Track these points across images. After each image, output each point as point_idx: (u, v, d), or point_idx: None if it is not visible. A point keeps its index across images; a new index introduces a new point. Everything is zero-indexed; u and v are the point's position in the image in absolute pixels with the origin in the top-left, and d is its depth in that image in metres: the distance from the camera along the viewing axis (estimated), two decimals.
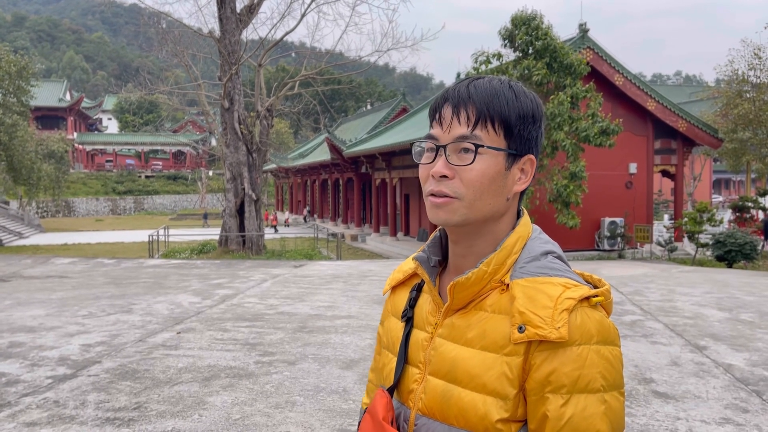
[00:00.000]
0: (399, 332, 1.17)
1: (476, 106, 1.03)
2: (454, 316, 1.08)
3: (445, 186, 1.03)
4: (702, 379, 5.36)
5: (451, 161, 1.02)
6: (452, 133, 1.03)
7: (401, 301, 1.22)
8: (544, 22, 18.69)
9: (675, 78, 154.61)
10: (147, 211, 58.01)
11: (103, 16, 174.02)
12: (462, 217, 1.03)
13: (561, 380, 0.95)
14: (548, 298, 0.98)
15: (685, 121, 23.87)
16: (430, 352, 1.08)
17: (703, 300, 9.48)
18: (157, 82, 27.27)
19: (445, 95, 1.08)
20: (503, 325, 1.01)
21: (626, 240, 22.37)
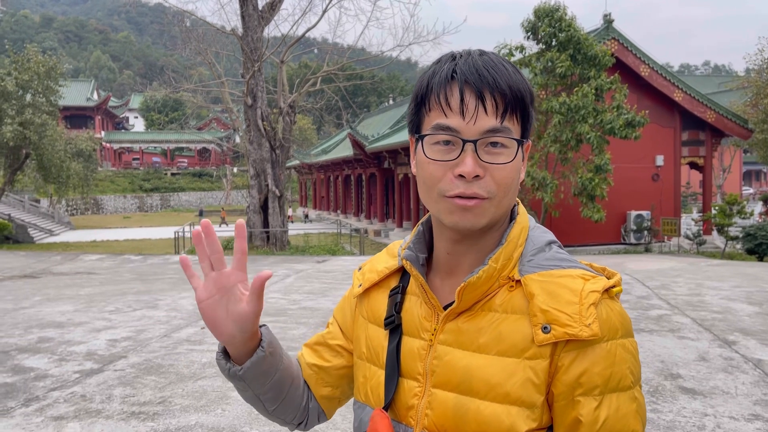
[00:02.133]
0: (383, 341, 1.04)
1: (503, 93, 0.90)
2: (458, 320, 0.97)
3: (478, 187, 0.90)
4: (731, 374, 5.25)
5: (482, 158, 0.90)
6: (479, 125, 0.90)
7: (378, 305, 1.08)
8: (567, 14, 18.46)
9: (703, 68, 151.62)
10: (173, 208, 58.73)
11: (129, 16, 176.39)
12: (489, 218, 0.93)
13: (593, 381, 0.89)
14: (571, 292, 0.90)
15: (713, 112, 23.39)
16: (431, 362, 0.97)
17: (732, 294, 9.29)
18: (182, 80, 27.57)
19: (455, 75, 0.92)
20: (521, 326, 0.92)
21: (653, 233, 22.02)
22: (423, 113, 0.95)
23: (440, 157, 0.92)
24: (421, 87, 0.96)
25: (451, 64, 0.93)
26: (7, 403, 4.77)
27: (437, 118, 0.92)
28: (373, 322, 1.08)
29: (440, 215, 0.94)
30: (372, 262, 1.14)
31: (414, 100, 0.97)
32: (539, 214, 19.30)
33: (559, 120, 17.73)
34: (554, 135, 18.03)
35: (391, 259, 1.10)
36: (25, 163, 25.79)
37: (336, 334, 1.18)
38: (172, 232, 23.29)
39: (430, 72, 0.96)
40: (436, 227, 1.02)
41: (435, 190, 0.93)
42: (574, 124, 17.72)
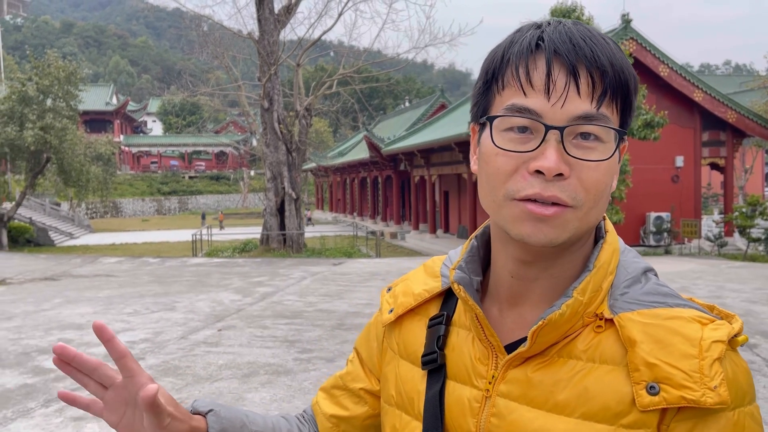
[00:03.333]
0: (418, 384, 0.83)
1: (603, 70, 0.69)
2: (527, 367, 0.75)
3: (559, 189, 0.69)
4: (752, 378, 5.17)
5: (569, 152, 0.69)
6: (568, 108, 0.69)
7: (414, 337, 0.86)
8: (584, 14, 18.37)
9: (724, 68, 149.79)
10: (191, 210, 59.23)
11: (147, 21, 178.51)
12: (571, 233, 0.71)
13: None
14: (688, 341, 0.68)
15: (734, 112, 23.09)
16: (489, 420, 0.75)
17: (753, 296, 9.15)
18: (199, 84, 27.81)
19: (541, 44, 0.70)
20: (615, 382, 0.70)
21: (673, 235, 21.78)
22: (493, 93, 0.74)
23: (513, 147, 0.70)
24: (494, 59, 0.74)
25: (537, 31, 0.72)
26: (28, 404, 4.83)
27: (513, 98, 0.71)
28: (406, 359, 0.86)
29: (506, 224, 0.72)
30: (406, 282, 0.91)
31: (482, 77, 0.76)
32: None
33: None
34: None
35: (431, 280, 0.88)
36: (46, 167, 26.17)
37: (358, 374, 0.95)
38: (190, 235, 23.50)
39: (507, 41, 0.74)
40: (498, 242, 0.79)
41: (501, 191, 0.71)
42: None
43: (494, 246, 0.81)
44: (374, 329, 0.95)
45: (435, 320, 0.85)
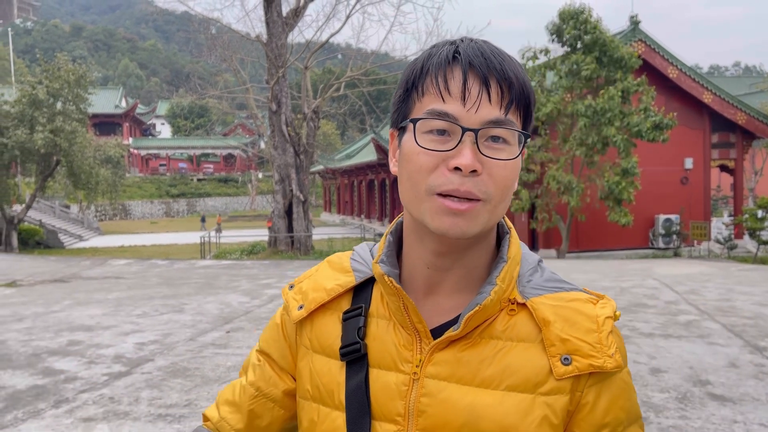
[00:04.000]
0: (337, 376, 0.86)
1: (510, 81, 0.79)
2: (452, 349, 0.83)
3: (473, 184, 0.78)
4: (761, 381, 5.14)
5: (482, 152, 0.78)
6: (481, 114, 0.78)
7: (328, 331, 0.90)
8: (592, 16, 18.33)
9: (734, 69, 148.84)
10: (199, 213, 59.46)
11: (156, 24, 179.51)
12: (483, 225, 0.80)
13: (619, 417, 0.82)
14: (588, 319, 0.82)
15: (744, 114, 22.97)
16: (419, 400, 0.82)
17: (764, 299, 9.08)
18: (208, 87, 27.91)
19: (457, 57, 0.80)
20: (533, 357, 0.81)
21: (682, 238, 21.67)
22: (413, 100, 0.83)
23: (434, 147, 0.79)
24: (413, 70, 0.83)
25: (452, 46, 0.81)
26: (38, 405, 4.87)
27: (432, 103, 0.80)
28: (321, 353, 0.89)
29: (425, 217, 0.80)
30: (313, 278, 0.94)
31: (403, 86, 0.84)
32: (565, 219, 19.12)
33: (585, 123, 17.57)
34: (580, 138, 17.87)
35: (342, 276, 0.92)
36: (56, 169, 26.34)
37: (271, 378, 0.96)
38: (198, 237, 23.59)
39: (425, 55, 0.84)
40: (414, 236, 0.86)
41: (423, 186, 0.80)
42: (600, 127, 17.55)
43: (409, 240, 0.88)
44: (283, 328, 0.96)
45: (351, 313, 0.89)
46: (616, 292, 9.91)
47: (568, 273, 12.45)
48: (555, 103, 18.26)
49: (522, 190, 18.49)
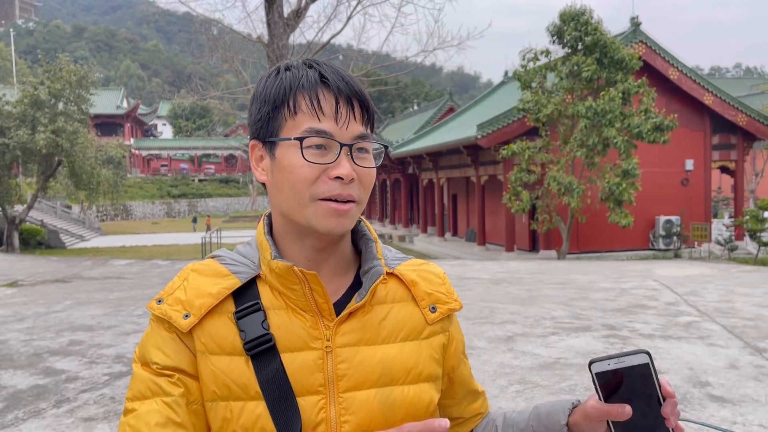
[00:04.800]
0: (245, 371, 0.91)
1: (365, 102, 0.95)
2: (355, 318, 0.96)
3: (351, 189, 0.92)
4: (761, 382, 5.15)
5: (356, 162, 0.93)
6: (351, 130, 0.93)
7: (223, 332, 0.93)
8: (593, 17, 18.34)
9: (735, 70, 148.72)
10: (200, 214, 59.47)
11: (158, 25, 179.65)
12: (354, 221, 0.96)
13: (462, 340, 1.11)
14: (437, 276, 1.07)
15: (745, 115, 22.97)
16: (337, 367, 0.93)
17: (764, 301, 9.09)
18: (209, 88, 27.87)
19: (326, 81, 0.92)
20: (411, 311, 1.01)
21: (683, 239, 21.66)
22: (284, 117, 0.93)
23: (316, 160, 0.91)
24: (278, 91, 0.93)
25: (313, 70, 0.94)
26: (39, 404, 4.88)
27: (308, 122, 0.91)
28: (220, 353, 0.92)
29: (311, 220, 0.92)
30: (189, 287, 0.96)
31: (269, 104, 0.94)
32: (566, 219, 19.12)
33: (586, 124, 17.58)
34: (580, 139, 17.88)
35: (222, 279, 0.96)
36: (57, 170, 26.37)
37: (191, 388, 0.93)
38: (199, 238, 23.61)
39: (287, 75, 0.94)
40: (294, 236, 0.97)
41: (306, 194, 0.91)
42: (600, 128, 17.56)
43: (284, 241, 0.99)
44: (174, 341, 0.94)
45: (245, 310, 0.94)
46: (617, 293, 9.92)
47: (568, 274, 12.46)
48: (556, 104, 18.27)
49: (522, 192, 18.49)
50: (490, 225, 24.92)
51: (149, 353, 0.94)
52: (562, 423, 0.96)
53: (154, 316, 0.96)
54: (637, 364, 0.82)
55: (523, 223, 22.12)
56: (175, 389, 0.92)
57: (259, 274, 0.98)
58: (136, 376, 0.94)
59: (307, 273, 0.93)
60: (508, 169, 19.91)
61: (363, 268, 1.00)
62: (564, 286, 10.69)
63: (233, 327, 0.93)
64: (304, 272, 0.93)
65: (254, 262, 0.99)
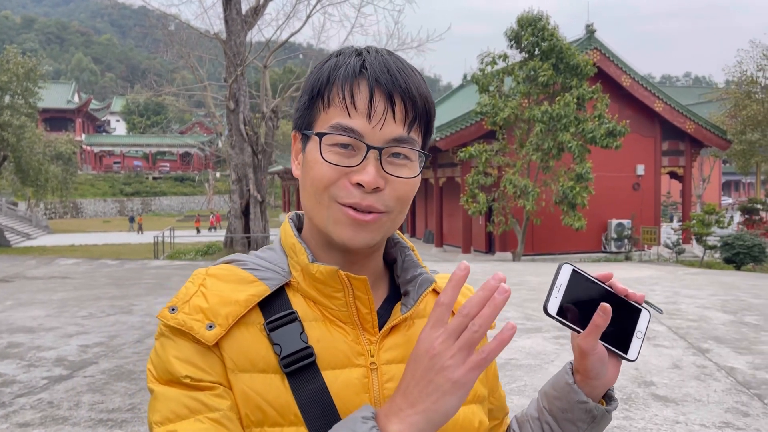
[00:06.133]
0: (282, 391, 0.79)
1: (414, 100, 0.81)
2: (399, 332, 0.88)
3: (375, 199, 0.80)
4: (703, 382, 5.28)
5: (385, 169, 0.80)
6: (386, 131, 0.80)
7: (253, 346, 0.80)
8: (550, 23, 18.63)
9: (684, 79, 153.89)
10: (154, 212, 58.24)
11: (112, 19, 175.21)
12: (383, 235, 0.84)
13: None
14: (470, 291, 0.95)
15: (693, 123, 23.72)
16: (384, 387, 0.83)
17: (708, 302, 9.37)
18: (165, 84, 27.38)
19: (364, 72, 0.81)
20: None
21: (633, 242, 22.22)
22: (318, 109, 0.83)
23: (337, 162, 0.80)
24: (320, 79, 0.83)
25: (359, 58, 0.82)
26: None
27: (338, 117, 0.80)
28: (251, 370, 0.80)
29: (328, 226, 0.82)
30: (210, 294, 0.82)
31: (308, 93, 0.85)
32: (521, 222, 19.39)
33: (541, 128, 17.86)
34: (536, 143, 18.15)
35: (248, 286, 0.84)
36: (3, 165, 25.41)
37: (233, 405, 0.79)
38: (152, 237, 23.07)
39: (330, 63, 0.84)
40: (322, 241, 0.87)
41: (326, 194, 0.81)
42: (555, 132, 17.86)
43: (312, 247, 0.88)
44: (203, 354, 0.79)
45: (278, 321, 0.82)
46: None
47: (522, 275, 12.62)
48: (512, 108, 18.51)
49: (479, 194, 18.67)
50: (448, 226, 25.10)
51: (174, 368, 0.78)
52: (569, 381, 0.89)
53: (168, 328, 0.80)
54: (572, 278, 0.81)
55: (480, 225, 22.34)
56: (221, 402, 0.77)
57: (289, 282, 0.86)
58: (162, 396, 0.77)
59: (354, 278, 0.83)
60: (466, 171, 20.06)
61: (404, 277, 0.91)
62: (517, 287, 10.81)
63: (265, 340, 0.81)
64: (351, 277, 0.83)
65: (282, 267, 0.87)
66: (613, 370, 0.87)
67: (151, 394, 0.79)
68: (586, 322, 0.81)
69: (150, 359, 0.82)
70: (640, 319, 0.86)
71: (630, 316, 0.85)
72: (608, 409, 0.90)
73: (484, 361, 0.69)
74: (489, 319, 0.70)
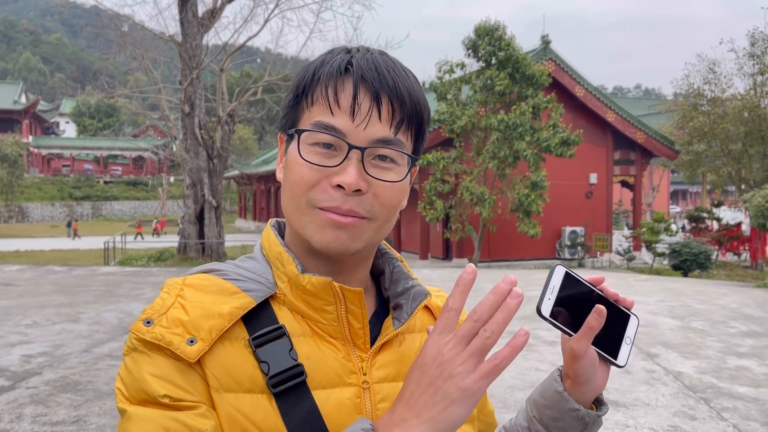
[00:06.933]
0: (269, 411, 0.73)
1: (402, 99, 0.76)
2: (391, 349, 0.83)
3: (356, 203, 0.75)
4: (652, 386, 5.41)
5: (368, 171, 0.76)
6: (370, 131, 0.75)
7: (238, 363, 0.74)
8: (507, 33, 18.93)
9: (635, 91, 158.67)
10: (105, 217, 56.65)
11: (62, 18, 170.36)
12: (365, 243, 0.78)
13: None
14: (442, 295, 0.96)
15: (643, 133, 24.42)
16: (377, 407, 0.79)
17: (657, 308, 9.63)
18: (117, 86, 26.79)
19: (349, 69, 0.76)
20: None
21: (586, 249, 22.71)
22: (302, 108, 0.79)
23: (318, 161, 0.75)
24: (305, 76, 0.79)
25: (346, 56, 0.78)
26: None
27: (320, 115, 0.76)
28: (237, 390, 0.73)
29: (306, 231, 0.77)
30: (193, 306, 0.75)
31: (293, 91, 0.80)
32: (477, 229, 19.59)
33: (498, 137, 18.10)
34: (492, 151, 18.39)
35: (230, 298, 0.77)
36: None
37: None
38: (102, 243, 22.42)
39: (318, 61, 0.80)
40: (304, 249, 0.82)
41: (304, 198, 0.76)
42: (511, 141, 18.12)
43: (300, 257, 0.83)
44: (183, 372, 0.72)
45: (265, 336, 0.75)
46: (524, 302, 10.20)
47: (478, 282, 12.69)
48: (469, 116, 18.72)
49: (437, 201, 18.79)
50: (406, 233, 25.18)
51: (150, 386, 0.70)
52: (559, 389, 0.85)
53: (142, 343, 0.73)
54: (565, 280, 0.79)
55: (437, 232, 22.48)
56: (205, 422, 0.70)
57: (274, 294, 0.80)
58: (137, 417, 0.69)
59: (348, 290, 0.78)
60: (423, 178, 20.16)
61: (394, 290, 0.86)
62: (474, 293, 10.86)
63: (250, 357, 0.74)
64: (345, 289, 0.78)
65: (267, 278, 0.81)
66: (602, 375, 0.85)
67: (122, 415, 0.71)
68: (577, 324, 0.79)
69: (120, 377, 0.74)
70: (629, 325, 0.85)
71: (619, 321, 0.84)
72: (599, 414, 0.88)
73: (497, 368, 0.66)
74: (502, 324, 0.67)
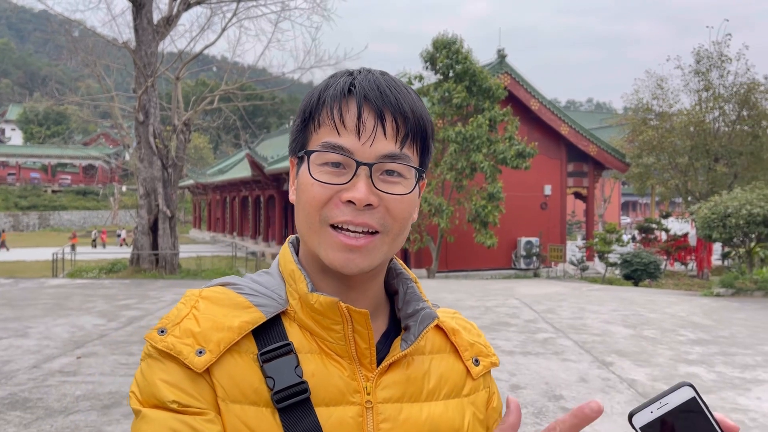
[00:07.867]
0: (273, 426, 0.75)
1: (405, 116, 0.80)
2: (398, 369, 0.84)
3: (369, 216, 0.78)
4: (608, 394, 5.53)
5: (377, 186, 0.78)
6: (376, 148, 0.78)
7: (245, 375, 0.77)
8: (464, 47, 19.22)
9: (587, 105, 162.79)
10: (53, 227, 54.85)
11: (9, 22, 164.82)
12: (381, 258, 0.81)
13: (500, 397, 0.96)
14: (472, 327, 0.96)
15: (595, 146, 25.09)
16: (379, 427, 0.80)
17: (610, 317, 9.86)
18: (67, 93, 26.03)
19: (353, 90, 0.80)
20: (452, 364, 0.89)
21: (541, 259, 23.13)
22: (310, 131, 0.82)
23: (328, 180, 0.78)
24: (311, 100, 0.83)
25: (349, 78, 0.82)
26: None
27: (327, 136, 0.79)
28: (243, 402, 0.76)
29: (320, 250, 0.79)
30: (205, 318, 0.78)
31: (300, 116, 0.84)
32: (435, 240, 19.74)
33: (455, 149, 18.33)
34: (450, 163, 18.59)
35: (242, 312, 0.80)
36: None
37: None
38: (50, 254, 21.69)
39: (322, 85, 0.84)
40: (318, 267, 0.84)
41: (316, 217, 0.79)
42: (469, 153, 18.38)
43: (309, 273, 0.85)
44: (193, 380, 0.75)
45: (273, 352, 0.78)
46: (481, 311, 10.32)
47: (437, 292, 12.82)
48: None
49: None
50: None
51: (161, 392, 0.74)
52: None
53: (156, 350, 0.76)
54: (684, 402, 0.67)
55: None
56: (212, 428, 0.73)
57: (285, 310, 0.82)
58: (149, 418, 0.73)
59: (355, 311, 0.80)
60: None
61: (405, 311, 0.87)
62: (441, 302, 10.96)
63: (257, 371, 0.77)
64: (351, 310, 0.80)
65: (280, 294, 0.84)
66: None
67: (137, 415, 0.75)
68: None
69: (135, 380, 0.78)
70: None
71: None
72: None
73: None
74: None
